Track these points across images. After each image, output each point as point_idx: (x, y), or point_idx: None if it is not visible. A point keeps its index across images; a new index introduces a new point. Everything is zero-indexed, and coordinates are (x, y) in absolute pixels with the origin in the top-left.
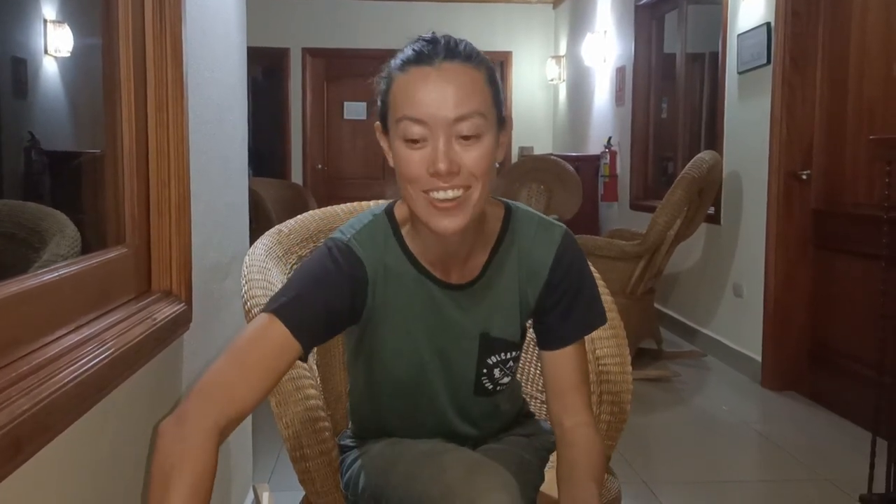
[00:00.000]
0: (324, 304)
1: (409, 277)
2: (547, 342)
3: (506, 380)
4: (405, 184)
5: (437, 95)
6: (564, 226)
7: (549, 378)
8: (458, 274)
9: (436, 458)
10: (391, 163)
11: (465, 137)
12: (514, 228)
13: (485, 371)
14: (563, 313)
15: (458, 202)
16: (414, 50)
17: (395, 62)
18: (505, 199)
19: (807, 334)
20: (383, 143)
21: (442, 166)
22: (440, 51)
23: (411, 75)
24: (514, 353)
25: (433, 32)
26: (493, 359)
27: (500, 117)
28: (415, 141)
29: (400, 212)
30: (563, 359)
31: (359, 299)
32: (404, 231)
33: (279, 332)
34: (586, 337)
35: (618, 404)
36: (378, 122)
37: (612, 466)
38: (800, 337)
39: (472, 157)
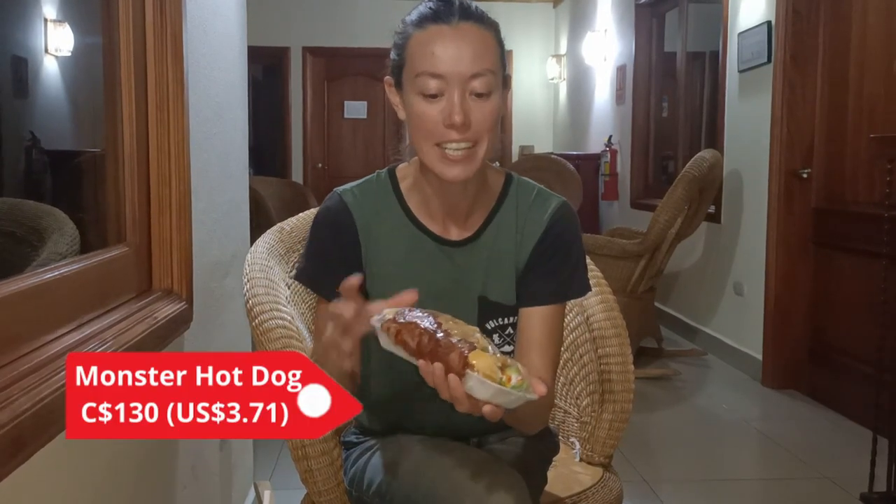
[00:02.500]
0: (343, 263)
1: (406, 232)
2: (522, 298)
3: (507, 348)
4: (419, 136)
5: (454, 52)
6: (563, 198)
7: (518, 335)
8: (457, 230)
9: (443, 456)
10: (401, 116)
11: (479, 95)
12: (514, 192)
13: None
14: (542, 275)
15: (467, 154)
16: (430, 8)
17: (412, 18)
18: (507, 170)
19: (807, 332)
20: (394, 98)
21: (458, 118)
22: (455, 11)
23: (429, 32)
24: (511, 319)
25: None
26: (492, 323)
27: (504, 76)
28: (432, 96)
29: (401, 172)
30: (534, 317)
31: (350, 242)
32: (404, 187)
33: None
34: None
35: (620, 403)
36: (389, 77)
37: (613, 465)
38: (800, 335)
39: (482, 112)
